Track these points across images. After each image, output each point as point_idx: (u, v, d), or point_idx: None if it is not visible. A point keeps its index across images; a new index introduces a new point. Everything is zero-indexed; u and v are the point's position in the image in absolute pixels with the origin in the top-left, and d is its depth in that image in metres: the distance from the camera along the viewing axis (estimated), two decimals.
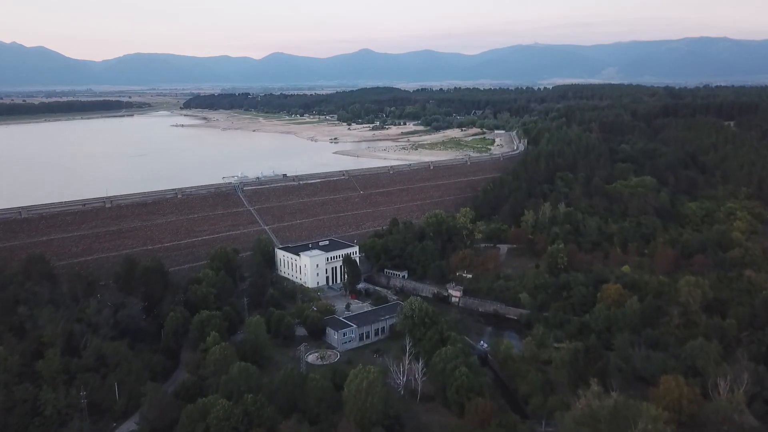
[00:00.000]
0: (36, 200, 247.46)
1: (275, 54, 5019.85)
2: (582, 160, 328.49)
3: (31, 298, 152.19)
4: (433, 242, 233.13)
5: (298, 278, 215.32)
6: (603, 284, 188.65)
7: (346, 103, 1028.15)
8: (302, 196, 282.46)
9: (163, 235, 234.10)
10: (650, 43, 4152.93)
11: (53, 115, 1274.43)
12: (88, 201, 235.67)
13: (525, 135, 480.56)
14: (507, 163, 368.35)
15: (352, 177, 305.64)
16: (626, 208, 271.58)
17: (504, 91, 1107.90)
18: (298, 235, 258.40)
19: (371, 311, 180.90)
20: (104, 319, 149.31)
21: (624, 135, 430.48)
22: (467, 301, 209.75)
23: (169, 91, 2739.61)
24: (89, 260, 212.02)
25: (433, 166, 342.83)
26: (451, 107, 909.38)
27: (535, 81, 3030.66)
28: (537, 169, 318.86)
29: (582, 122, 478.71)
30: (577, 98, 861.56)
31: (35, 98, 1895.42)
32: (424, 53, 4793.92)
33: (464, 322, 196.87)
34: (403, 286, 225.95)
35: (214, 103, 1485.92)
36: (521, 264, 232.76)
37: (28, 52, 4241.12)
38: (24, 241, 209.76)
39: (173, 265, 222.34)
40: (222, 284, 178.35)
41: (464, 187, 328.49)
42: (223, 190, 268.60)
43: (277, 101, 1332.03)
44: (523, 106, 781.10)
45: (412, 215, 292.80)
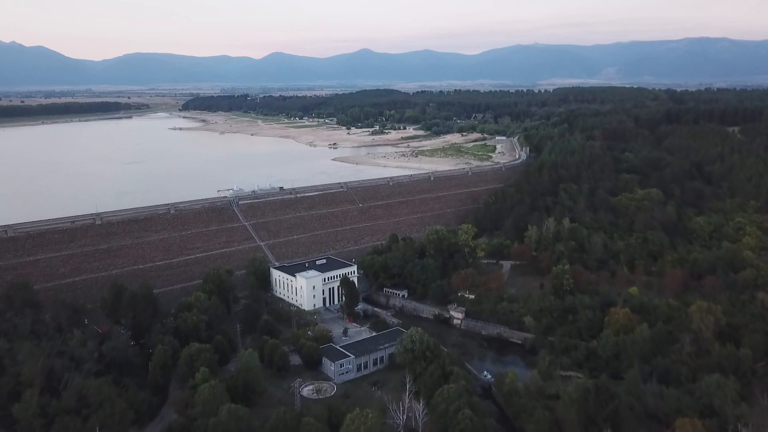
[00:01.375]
0: (20, 217, 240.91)
1: (275, 54, 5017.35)
2: (586, 171, 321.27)
3: (11, 330, 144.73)
4: (433, 260, 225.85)
5: (293, 299, 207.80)
6: (610, 307, 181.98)
7: (346, 106, 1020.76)
8: (299, 209, 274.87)
9: (155, 254, 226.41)
10: (650, 44, 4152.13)
11: (50, 118, 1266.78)
12: (77, 218, 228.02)
13: (527, 142, 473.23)
14: (509, 173, 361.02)
15: (350, 189, 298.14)
16: (632, 222, 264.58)
17: (504, 94, 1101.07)
18: (294, 251, 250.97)
19: (370, 339, 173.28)
20: (88, 352, 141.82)
21: (627, 142, 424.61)
22: (469, 324, 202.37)
23: (168, 91, 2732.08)
24: (77, 281, 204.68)
25: (434, 177, 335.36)
26: (451, 110, 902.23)
27: (534, 81, 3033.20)
28: (540, 180, 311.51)
29: (584, 129, 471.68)
30: (578, 101, 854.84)
31: (34, 98, 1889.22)
32: (423, 53, 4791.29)
33: (466, 346, 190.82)
34: (403, 306, 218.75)
35: (213, 104, 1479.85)
36: (525, 283, 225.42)
37: (27, 52, 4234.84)
38: (9, 262, 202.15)
39: (165, 285, 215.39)
40: (214, 310, 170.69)
41: (465, 199, 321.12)
42: (218, 205, 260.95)
43: (276, 103, 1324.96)
44: (524, 110, 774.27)
45: (412, 229, 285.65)
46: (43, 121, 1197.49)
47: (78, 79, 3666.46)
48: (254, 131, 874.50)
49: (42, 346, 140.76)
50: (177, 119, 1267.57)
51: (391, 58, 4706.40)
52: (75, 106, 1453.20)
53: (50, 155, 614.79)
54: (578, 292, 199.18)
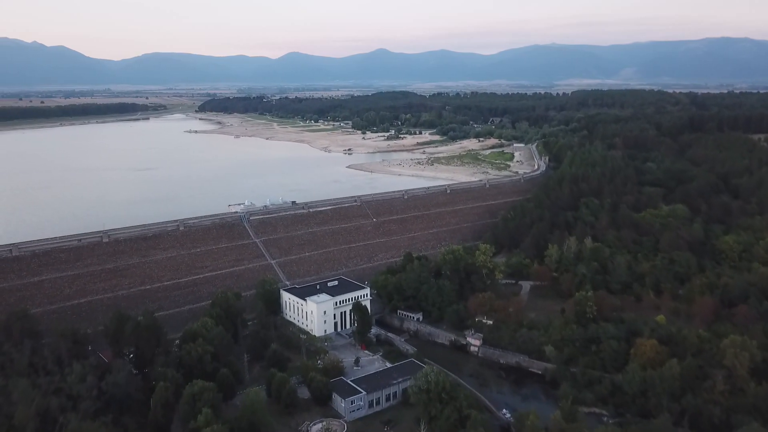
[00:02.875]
0: (27, 230, 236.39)
1: (291, 54, 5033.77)
2: (608, 185, 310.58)
3: (8, 365, 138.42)
4: (449, 282, 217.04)
5: (304, 324, 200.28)
6: (636, 338, 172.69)
7: (361, 110, 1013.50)
8: (311, 225, 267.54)
9: (163, 273, 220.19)
10: (669, 44, 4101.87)
11: (69, 119, 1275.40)
12: (84, 236, 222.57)
13: (545, 150, 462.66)
14: (528, 185, 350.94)
15: (364, 203, 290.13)
16: (657, 241, 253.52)
17: (522, 97, 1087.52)
18: (306, 269, 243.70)
19: (382, 372, 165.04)
20: (87, 388, 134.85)
21: (649, 151, 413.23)
22: (487, 351, 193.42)
23: (185, 91, 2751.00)
24: (82, 303, 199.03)
25: (450, 189, 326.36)
26: (468, 114, 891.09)
27: (551, 82, 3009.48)
28: (560, 194, 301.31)
29: (605, 137, 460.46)
30: (597, 105, 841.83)
31: (54, 98, 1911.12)
32: (439, 53, 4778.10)
33: (484, 377, 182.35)
34: (417, 330, 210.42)
35: (229, 106, 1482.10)
36: (545, 306, 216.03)
37: (48, 52, 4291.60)
38: (13, 283, 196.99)
39: (172, 306, 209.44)
40: (220, 340, 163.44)
41: (483, 213, 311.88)
42: (228, 221, 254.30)
43: (291, 105, 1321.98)
44: (542, 114, 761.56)
45: (427, 245, 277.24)
46: (61, 123, 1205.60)
47: (97, 78, 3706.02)
48: (269, 135, 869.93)
49: (39, 382, 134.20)
50: (193, 121, 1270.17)
51: (407, 58, 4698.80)
52: (93, 108, 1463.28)
53: (63, 161, 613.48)
54: (602, 319, 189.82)
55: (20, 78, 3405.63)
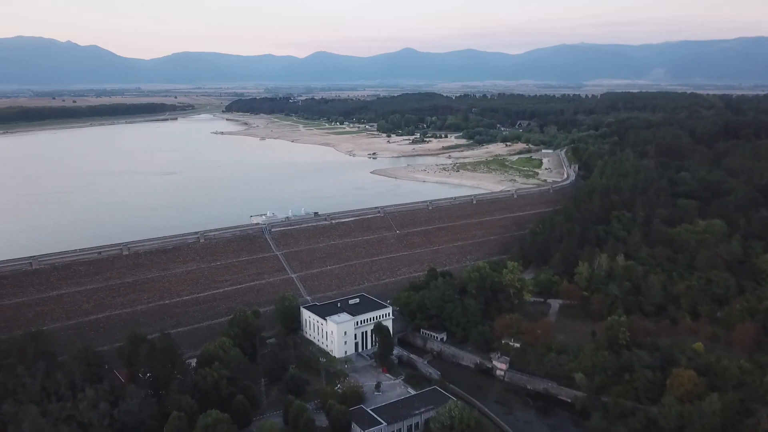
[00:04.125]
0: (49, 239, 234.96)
1: (318, 53, 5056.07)
2: (640, 197, 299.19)
3: (20, 390, 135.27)
4: (475, 301, 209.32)
5: (324, 344, 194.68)
6: (672, 366, 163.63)
7: (386, 112, 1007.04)
8: (333, 237, 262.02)
9: (182, 287, 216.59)
10: (701, 43, 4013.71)
11: (98, 119, 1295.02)
12: (104, 248, 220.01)
13: (575, 157, 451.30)
14: (557, 195, 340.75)
15: (387, 215, 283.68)
16: (693, 259, 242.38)
17: (549, 99, 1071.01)
18: (327, 284, 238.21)
19: (404, 401, 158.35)
20: (99, 416, 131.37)
21: (683, 159, 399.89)
22: (514, 376, 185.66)
23: (213, 90, 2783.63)
24: (100, 319, 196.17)
25: (476, 200, 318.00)
26: (495, 117, 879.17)
27: (580, 82, 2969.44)
28: (590, 206, 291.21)
29: (636, 144, 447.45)
30: (627, 109, 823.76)
31: (86, 97, 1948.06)
32: (466, 52, 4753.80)
33: (510, 403, 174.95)
34: (441, 351, 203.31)
35: (256, 106, 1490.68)
36: (575, 328, 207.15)
37: (81, 51, 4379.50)
38: (32, 297, 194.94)
39: (191, 322, 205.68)
40: (237, 364, 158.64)
41: (510, 225, 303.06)
42: (250, 233, 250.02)
43: (317, 107, 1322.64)
44: (571, 118, 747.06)
45: (452, 258, 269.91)
46: (91, 123, 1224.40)
47: (128, 77, 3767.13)
48: (294, 137, 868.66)
49: (51, 409, 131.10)
50: (220, 121, 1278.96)
51: (433, 58, 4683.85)
52: (122, 108, 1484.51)
53: (90, 164, 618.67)
54: (635, 345, 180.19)
55: (55, 77, 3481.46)
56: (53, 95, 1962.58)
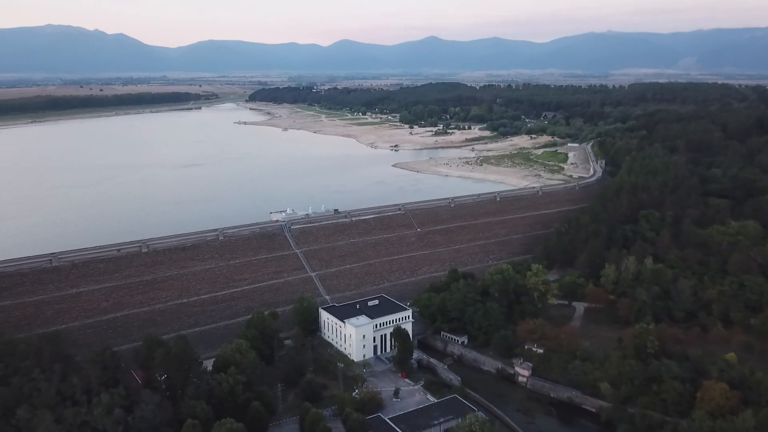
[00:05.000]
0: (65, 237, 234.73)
1: (342, 41, 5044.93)
2: (669, 196, 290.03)
3: (35, 395, 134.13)
4: (497, 304, 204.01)
5: (342, 346, 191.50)
6: (703, 379, 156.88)
7: (409, 102, 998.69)
8: (353, 235, 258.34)
9: (200, 286, 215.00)
10: (733, 31, 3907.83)
11: (124, 108, 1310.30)
12: (123, 245, 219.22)
13: (601, 152, 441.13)
14: (583, 193, 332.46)
15: (408, 212, 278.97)
16: (725, 262, 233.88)
17: (576, 90, 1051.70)
18: (346, 283, 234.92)
19: (423, 410, 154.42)
20: (113, 422, 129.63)
21: (714, 155, 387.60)
22: (536, 383, 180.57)
23: (237, 78, 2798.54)
24: (118, 318, 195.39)
25: (500, 197, 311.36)
26: (520, 108, 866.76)
27: (607, 71, 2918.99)
28: (618, 205, 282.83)
29: (666, 138, 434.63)
30: (656, 100, 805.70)
31: (113, 86, 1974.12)
32: (491, 41, 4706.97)
33: (532, 412, 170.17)
34: (462, 355, 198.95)
35: (279, 96, 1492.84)
36: (600, 333, 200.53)
37: (108, 39, 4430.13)
38: (51, 295, 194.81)
39: (208, 322, 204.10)
40: (253, 369, 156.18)
41: (534, 224, 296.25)
42: (269, 230, 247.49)
43: (340, 97, 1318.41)
44: (597, 110, 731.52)
45: (474, 258, 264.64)
46: (117, 113, 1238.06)
47: (154, 65, 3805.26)
48: (317, 128, 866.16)
49: (65, 415, 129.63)
50: (243, 111, 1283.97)
51: (458, 46, 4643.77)
52: (147, 97, 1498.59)
53: (114, 155, 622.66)
54: (664, 354, 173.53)
55: (83, 65, 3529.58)
56: (81, 83, 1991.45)
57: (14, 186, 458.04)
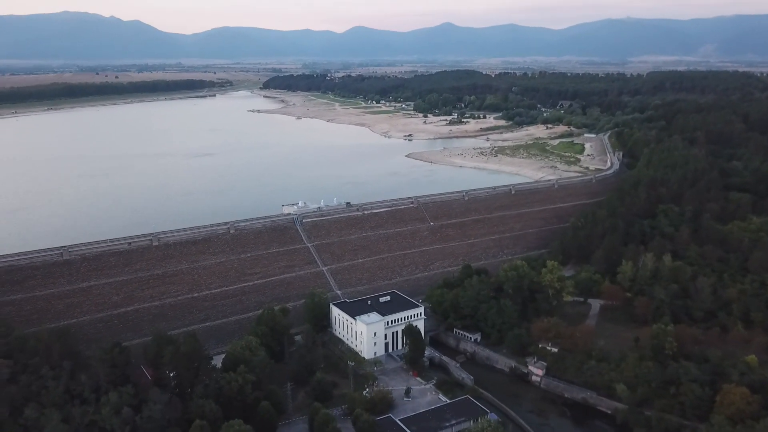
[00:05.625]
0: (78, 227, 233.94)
1: (357, 28, 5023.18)
2: (689, 190, 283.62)
3: (43, 393, 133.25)
4: (511, 301, 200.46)
5: (353, 343, 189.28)
6: (723, 382, 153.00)
7: (424, 90, 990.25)
8: (366, 228, 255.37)
9: (211, 280, 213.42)
10: (756, 17, 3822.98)
11: (139, 96, 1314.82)
12: (134, 239, 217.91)
13: (619, 143, 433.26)
14: (600, 186, 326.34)
15: (421, 205, 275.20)
16: (746, 260, 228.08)
17: (593, 78, 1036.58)
18: (358, 278, 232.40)
19: (434, 411, 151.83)
20: (121, 422, 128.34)
21: (735, 148, 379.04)
22: (550, 383, 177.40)
23: (252, 65, 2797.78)
24: (129, 312, 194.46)
25: (515, 190, 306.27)
26: (536, 97, 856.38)
27: (625, 58, 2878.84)
28: (636, 200, 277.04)
29: (685, 129, 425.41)
30: (675, 89, 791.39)
31: (128, 72, 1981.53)
32: (507, 27, 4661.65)
33: (545, 413, 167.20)
34: (474, 353, 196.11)
35: (293, 84, 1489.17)
36: (617, 332, 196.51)
37: (124, 26, 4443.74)
38: (62, 289, 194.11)
39: (219, 317, 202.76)
40: (263, 368, 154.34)
41: (550, 218, 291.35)
42: (281, 223, 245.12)
43: (354, 84, 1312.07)
44: (615, 100, 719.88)
45: (488, 253, 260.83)
46: (132, 100, 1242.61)
47: (169, 52, 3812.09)
48: (330, 117, 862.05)
49: (73, 414, 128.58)
50: (257, 99, 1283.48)
51: (473, 33, 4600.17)
52: (162, 84, 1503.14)
53: (128, 144, 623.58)
54: (682, 355, 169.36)
55: (99, 51, 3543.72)
56: (97, 70, 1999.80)
57: (30, 176, 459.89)
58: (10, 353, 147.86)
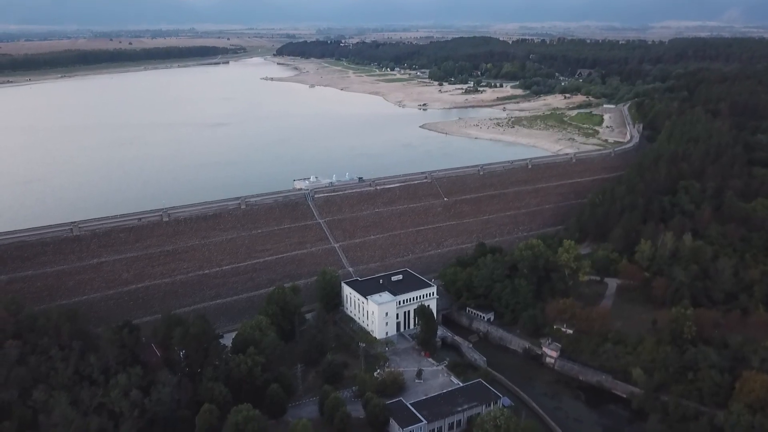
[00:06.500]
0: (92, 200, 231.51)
1: None
2: (711, 165, 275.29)
3: (52, 374, 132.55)
4: (526, 281, 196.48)
5: (364, 323, 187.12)
6: (743, 368, 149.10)
7: (439, 58, 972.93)
8: (378, 204, 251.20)
9: (222, 256, 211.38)
10: None
11: (152, 62, 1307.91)
12: (144, 214, 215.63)
13: (639, 115, 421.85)
14: (619, 160, 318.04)
15: (435, 180, 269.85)
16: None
17: (613, 45, 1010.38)
18: (370, 255, 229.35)
19: (446, 395, 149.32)
20: (130, 405, 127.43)
21: (760, 119, 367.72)
22: (565, 365, 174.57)
23: (266, 31, 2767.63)
24: (139, 289, 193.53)
25: (532, 164, 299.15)
26: (554, 65, 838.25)
27: (646, 23, 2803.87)
28: (656, 175, 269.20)
29: (708, 101, 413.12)
30: (698, 58, 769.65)
31: (142, 38, 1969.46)
32: None
33: (559, 396, 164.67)
34: (487, 332, 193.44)
35: (306, 50, 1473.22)
36: (634, 314, 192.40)
37: None
38: (73, 265, 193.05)
39: (230, 294, 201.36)
40: (273, 349, 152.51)
41: (567, 193, 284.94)
42: (292, 199, 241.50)
43: (368, 51, 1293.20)
44: (635, 68, 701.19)
45: (503, 230, 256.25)
46: (145, 67, 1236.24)
47: (183, 17, 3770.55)
48: (344, 85, 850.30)
49: (82, 396, 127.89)
50: (270, 66, 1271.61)
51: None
52: (175, 51, 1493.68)
53: (142, 113, 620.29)
54: (701, 339, 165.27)
55: (113, 17, 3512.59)
56: (111, 36, 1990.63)
57: (44, 146, 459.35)
58: (19, 333, 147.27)
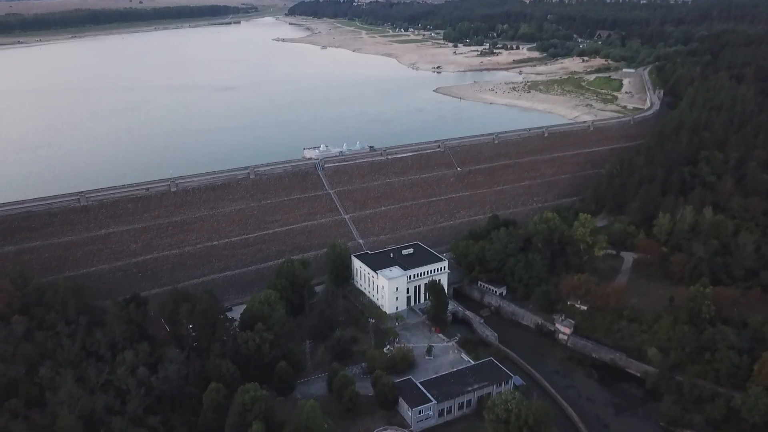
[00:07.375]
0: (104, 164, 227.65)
1: None
2: (735, 135, 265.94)
3: (58, 351, 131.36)
4: (540, 255, 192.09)
5: (374, 297, 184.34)
6: (762, 349, 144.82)
7: (454, 19, 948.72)
8: (389, 174, 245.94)
9: (231, 228, 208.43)
10: None
11: (163, 23, 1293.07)
12: (152, 184, 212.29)
13: (659, 80, 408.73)
14: (638, 129, 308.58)
15: (448, 149, 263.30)
16: None
17: (633, 6, 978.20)
18: (381, 226, 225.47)
19: (456, 374, 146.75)
20: (137, 382, 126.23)
21: None
22: (578, 342, 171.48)
23: None
24: (147, 260, 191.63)
25: (548, 132, 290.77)
26: (572, 27, 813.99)
27: None
28: (676, 145, 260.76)
29: (732, 65, 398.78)
30: (723, 19, 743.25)
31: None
32: None
33: (572, 374, 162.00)
34: (499, 307, 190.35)
35: (319, 10, 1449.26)
36: (650, 290, 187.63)
37: None
38: (81, 236, 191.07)
39: (239, 266, 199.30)
40: (281, 325, 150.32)
41: (584, 163, 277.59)
42: (302, 168, 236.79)
43: (382, 11, 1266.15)
44: (657, 30, 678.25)
45: (517, 201, 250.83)
46: (156, 27, 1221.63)
47: None
48: (356, 47, 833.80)
49: (88, 374, 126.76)
50: (282, 26, 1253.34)
51: None
52: (186, 10, 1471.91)
53: (152, 76, 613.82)
54: (719, 318, 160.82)
55: None
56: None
57: (53, 109, 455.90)
58: (26, 307, 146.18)
